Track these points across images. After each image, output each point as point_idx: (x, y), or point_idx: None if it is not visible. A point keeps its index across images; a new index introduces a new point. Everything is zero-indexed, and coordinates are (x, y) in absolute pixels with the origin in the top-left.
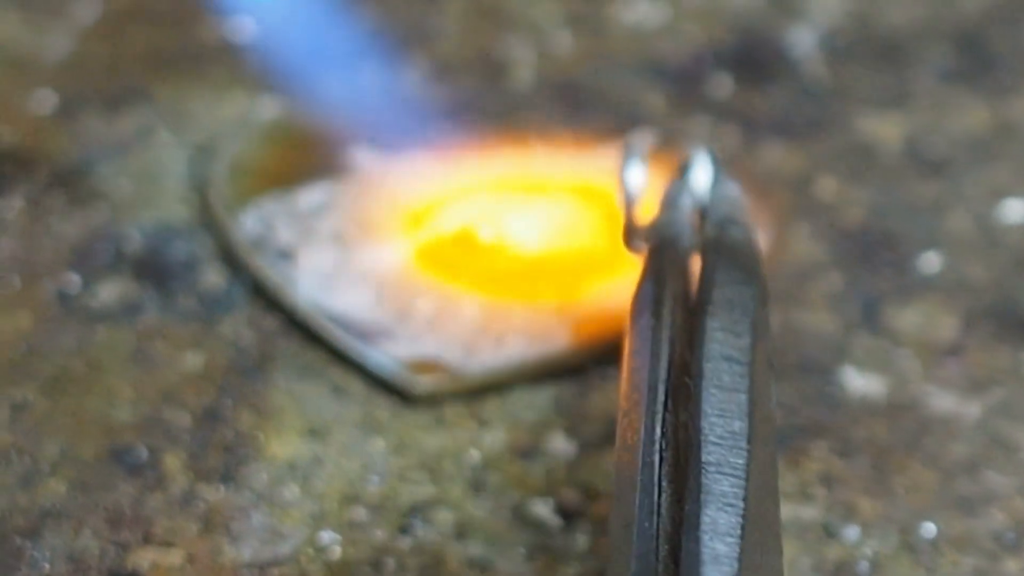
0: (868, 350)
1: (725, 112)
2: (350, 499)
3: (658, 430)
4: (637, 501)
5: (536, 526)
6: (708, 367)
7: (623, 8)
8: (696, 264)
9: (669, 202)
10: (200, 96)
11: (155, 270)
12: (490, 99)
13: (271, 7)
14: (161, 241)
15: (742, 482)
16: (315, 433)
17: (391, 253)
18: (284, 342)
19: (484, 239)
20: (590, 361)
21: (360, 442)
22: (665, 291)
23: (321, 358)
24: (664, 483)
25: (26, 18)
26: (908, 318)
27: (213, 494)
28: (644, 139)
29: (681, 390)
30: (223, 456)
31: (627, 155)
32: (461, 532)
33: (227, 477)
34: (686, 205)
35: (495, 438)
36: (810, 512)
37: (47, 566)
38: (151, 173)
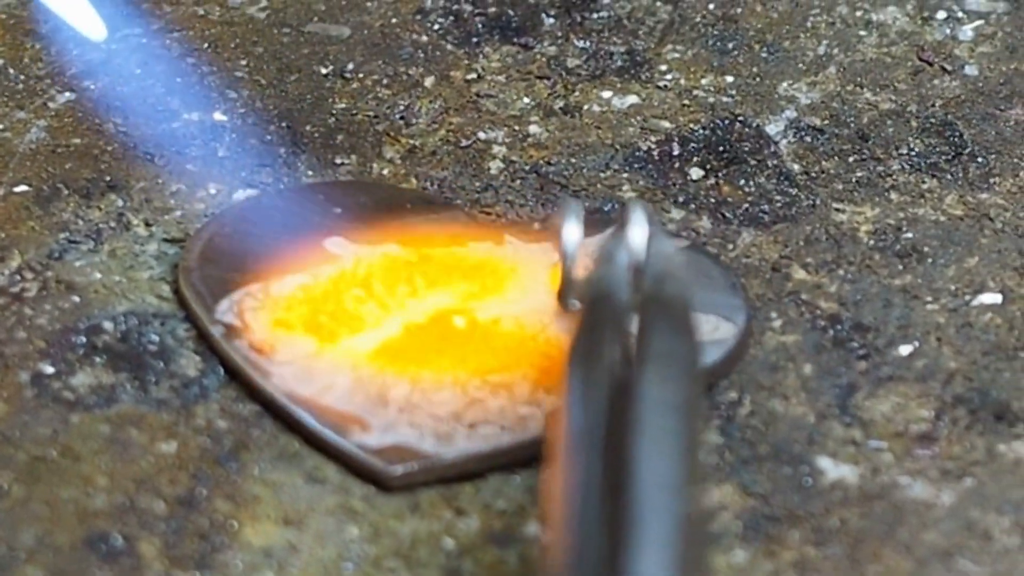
0: (841, 439)
1: (698, 200)
2: None
3: (593, 475)
4: (574, 547)
5: None
6: (643, 413)
7: (595, 97)
8: (633, 319)
9: (606, 257)
10: (174, 186)
11: (129, 359)
12: (464, 185)
13: (243, 99)
14: (135, 330)
15: (677, 525)
16: (290, 521)
17: (364, 341)
18: (258, 430)
19: (458, 326)
20: None
21: (335, 530)
22: (600, 343)
23: (295, 446)
24: (599, 528)
25: None
26: (881, 407)
27: None
28: (578, 203)
29: (615, 438)
30: (198, 543)
31: (564, 215)
32: None
33: (202, 564)
34: (623, 260)
35: (470, 525)
36: None
37: None
38: (124, 263)
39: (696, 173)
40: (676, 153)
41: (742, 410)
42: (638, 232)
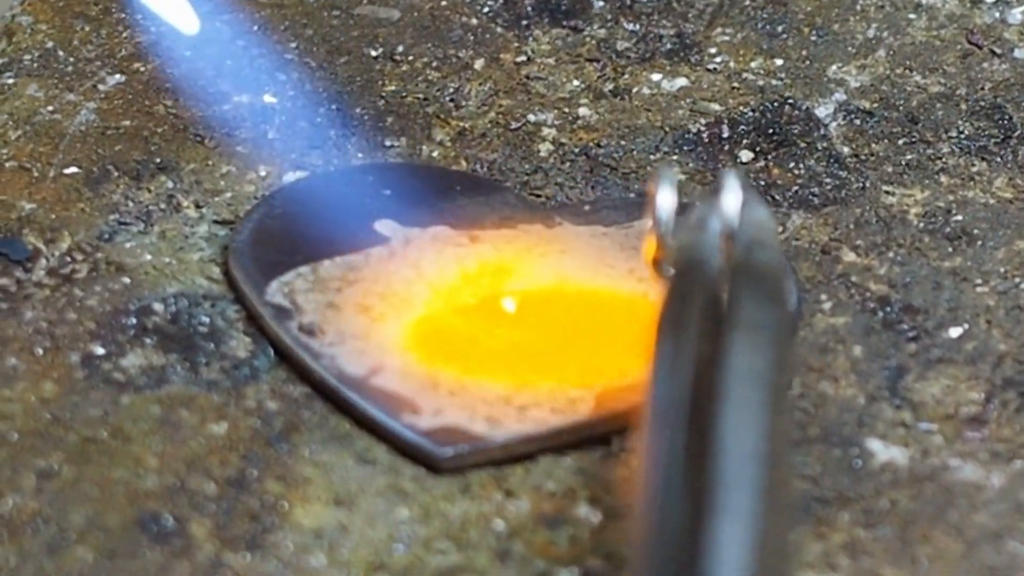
0: (891, 421)
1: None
2: (376, 567)
3: (679, 444)
4: (656, 516)
5: None
6: (730, 384)
7: (645, 79)
8: (723, 286)
9: (697, 224)
10: (224, 168)
11: (179, 340)
12: (514, 168)
13: (293, 81)
14: (185, 312)
15: (757, 499)
16: (340, 502)
17: (414, 323)
18: (308, 412)
19: (507, 309)
20: (614, 431)
21: (385, 511)
22: (689, 312)
23: (345, 427)
24: (683, 497)
25: (49, 89)
26: (931, 389)
27: (239, 562)
28: (673, 168)
29: (701, 408)
30: (249, 524)
31: (659, 180)
32: None
33: (253, 545)
34: (714, 228)
35: (520, 507)
36: None
37: None
38: (174, 244)
39: (746, 156)
40: (726, 136)
41: (792, 392)
42: (731, 199)
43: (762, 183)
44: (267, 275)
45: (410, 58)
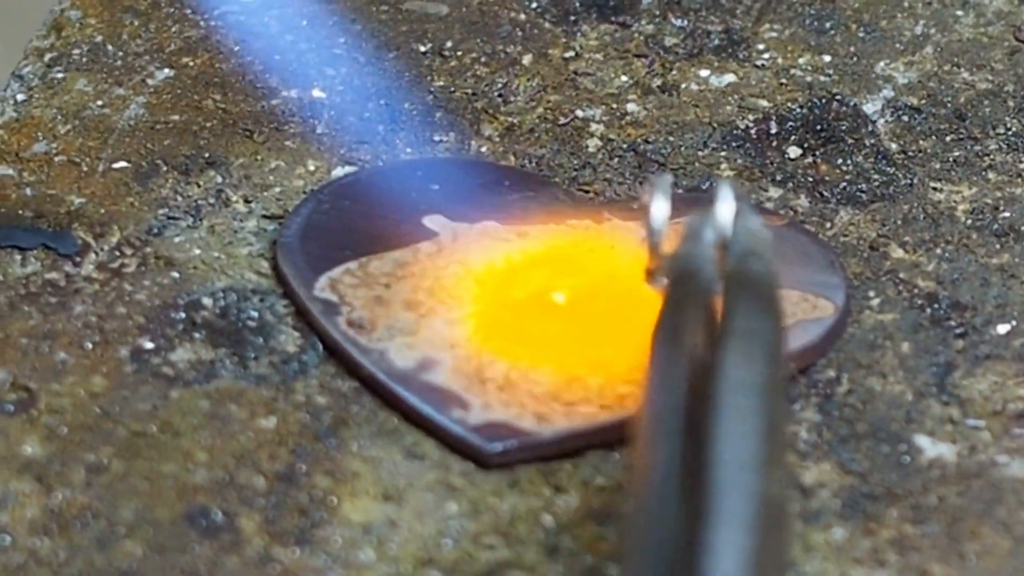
0: (939, 417)
1: (795, 178)
2: (425, 563)
3: (675, 453)
4: (652, 521)
5: None
6: (724, 393)
7: (693, 76)
8: (717, 296)
9: (692, 235)
10: (273, 163)
11: (228, 335)
12: (562, 163)
13: (341, 76)
14: (234, 306)
15: (755, 505)
16: (389, 497)
17: (463, 319)
18: (357, 406)
19: (556, 304)
20: None
21: (434, 506)
22: (684, 321)
23: (394, 423)
24: (678, 506)
25: (98, 83)
26: (979, 386)
27: (289, 556)
28: (667, 178)
29: (698, 415)
30: (298, 519)
31: (652, 192)
32: None
33: (302, 540)
34: (709, 238)
35: (569, 502)
36: None
37: None
38: (223, 239)
39: (794, 152)
40: (774, 132)
41: (840, 388)
42: (724, 209)
43: (810, 179)
44: (316, 270)
45: (459, 53)
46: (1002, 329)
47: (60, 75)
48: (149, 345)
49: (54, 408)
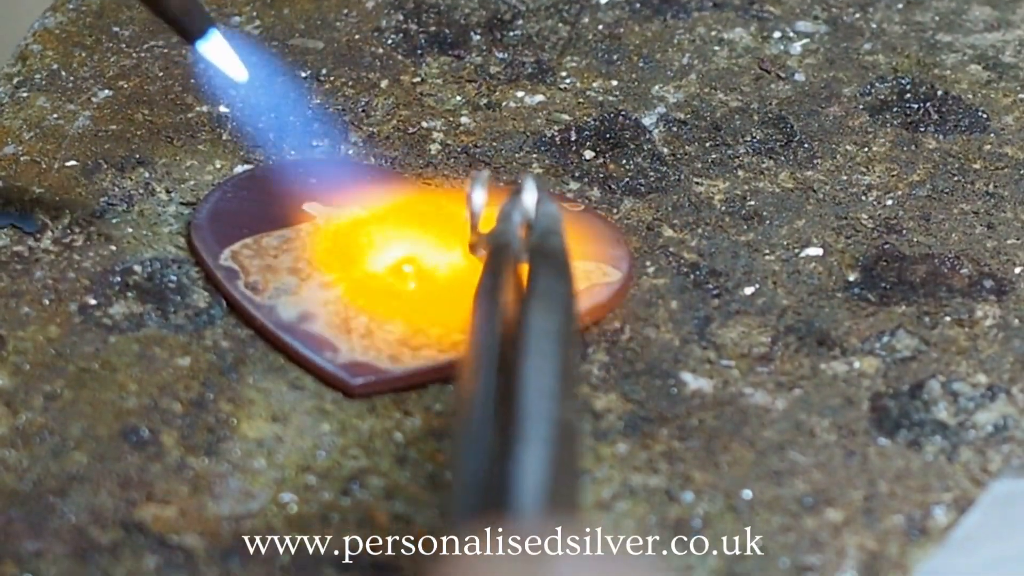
0: (699, 358)
1: (590, 175)
2: (304, 469)
3: (490, 385)
4: (474, 438)
5: (447, 489)
6: (530, 339)
7: (512, 96)
8: (523, 264)
9: (504, 217)
10: (189, 162)
11: (154, 294)
12: (411, 163)
13: (246, 93)
14: (158, 272)
15: (555, 426)
16: (276, 419)
17: (334, 283)
18: (252, 349)
19: (406, 272)
20: None
21: (311, 426)
22: (499, 283)
23: (281, 362)
24: (494, 427)
25: (54, 100)
26: (730, 334)
27: (200, 464)
28: (485, 173)
29: (509, 356)
30: (207, 435)
31: (473, 184)
32: (389, 494)
33: (210, 451)
34: (517, 219)
35: (415, 424)
36: (655, 481)
37: (73, 518)
38: (151, 221)
39: (589, 154)
40: (573, 139)
41: (623, 336)
42: (529, 197)
43: (601, 175)
44: (221, 244)
45: (331, 78)
46: (748, 291)
47: (25, 94)
48: (93, 302)
49: (19, 350)
